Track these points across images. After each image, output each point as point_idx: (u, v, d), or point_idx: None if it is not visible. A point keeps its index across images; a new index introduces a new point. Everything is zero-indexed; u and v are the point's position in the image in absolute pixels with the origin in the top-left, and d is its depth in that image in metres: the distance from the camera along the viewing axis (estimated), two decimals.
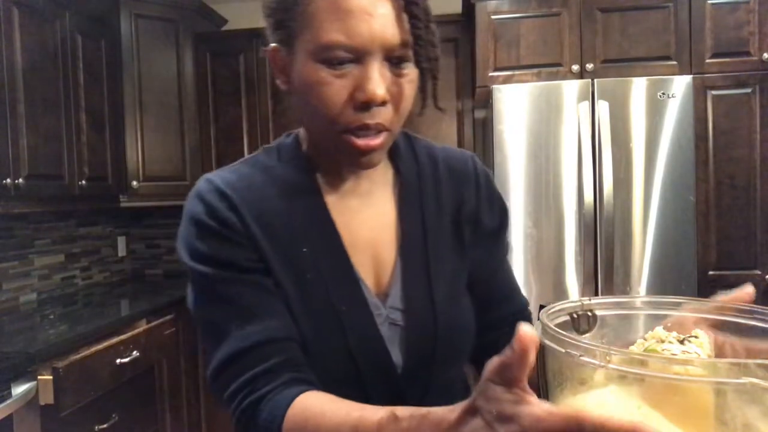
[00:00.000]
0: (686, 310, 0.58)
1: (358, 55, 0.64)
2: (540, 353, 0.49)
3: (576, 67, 2.50)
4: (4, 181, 2.11)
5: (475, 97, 2.72)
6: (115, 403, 2.12)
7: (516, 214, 2.35)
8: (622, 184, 2.29)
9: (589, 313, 0.58)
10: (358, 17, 0.62)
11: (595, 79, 2.32)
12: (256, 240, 0.71)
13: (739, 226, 2.45)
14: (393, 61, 0.66)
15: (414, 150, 0.83)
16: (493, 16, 2.55)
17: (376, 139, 0.67)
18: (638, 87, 2.29)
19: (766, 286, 2.42)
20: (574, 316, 0.57)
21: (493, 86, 2.39)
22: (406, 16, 0.64)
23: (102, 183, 2.74)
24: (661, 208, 2.29)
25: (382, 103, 0.65)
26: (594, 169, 2.28)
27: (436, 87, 0.69)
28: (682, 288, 2.28)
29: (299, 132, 0.80)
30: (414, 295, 0.76)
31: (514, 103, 2.34)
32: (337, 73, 0.64)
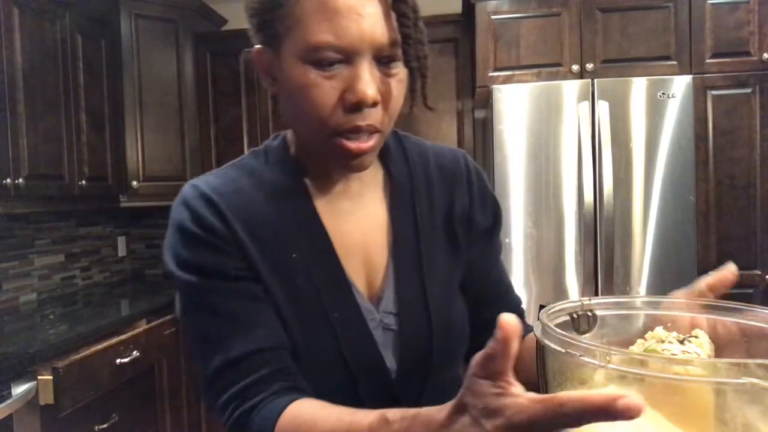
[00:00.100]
0: (678, 306, 0.58)
1: (347, 56, 0.62)
2: (540, 353, 0.49)
3: (576, 67, 2.50)
4: (4, 181, 2.11)
5: (475, 97, 2.71)
6: (115, 403, 2.12)
7: (516, 214, 2.35)
8: (622, 184, 2.29)
9: (589, 313, 0.58)
10: (347, 17, 0.61)
11: (595, 79, 2.32)
12: (243, 247, 0.69)
13: (739, 226, 2.45)
14: (383, 61, 0.64)
15: (404, 149, 0.81)
16: (493, 16, 2.55)
17: (368, 142, 0.66)
18: (638, 87, 2.29)
19: (766, 286, 2.42)
20: (574, 316, 0.57)
21: (493, 86, 2.39)
22: (394, 15, 0.63)
23: (102, 183, 2.74)
24: (661, 208, 2.29)
25: (373, 104, 0.64)
26: (594, 169, 2.28)
27: (425, 86, 0.67)
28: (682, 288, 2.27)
29: (287, 134, 0.79)
30: (407, 299, 0.74)
31: (514, 103, 2.34)
32: (326, 74, 0.63)
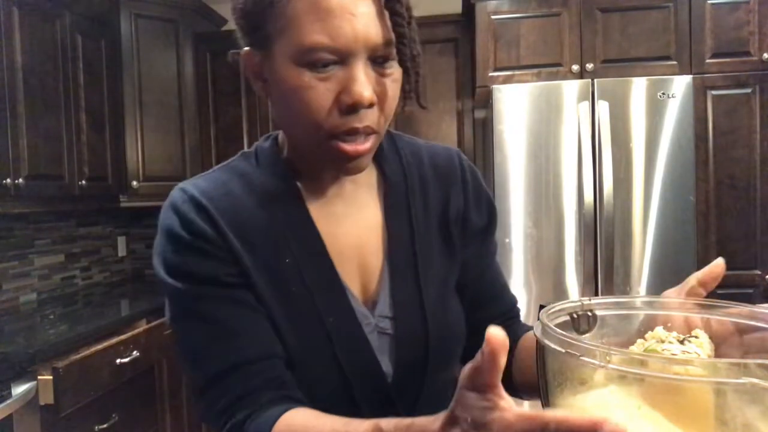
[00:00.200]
0: (678, 306, 0.58)
1: (341, 57, 0.61)
2: (540, 353, 0.49)
3: (576, 67, 2.50)
4: (4, 181, 2.11)
5: (475, 97, 2.71)
6: (115, 403, 2.12)
7: (516, 214, 2.35)
8: (622, 184, 2.29)
9: (589, 313, 0.58)
10: (340, 17, 0.59)
11: (595, 79, 2.32)
12: (235, 252, 0.67)
13: (739, 226, 2.45)
14: (377, 61, 0.63)
15: (397, 149, 0.80)
16: (493, 16, 2.55)
17: (365, 144, 0.64)
18: (638, 87, 2.29)
19: (766, 286, 2.42)
20: (574, 316, 0.57)
21: (493, 86, 2.39)
22: (387, 14, 0.62)
23: (102, 183, 2.74)
24: (661, 208, 2.29)
25: (370, 105, 0.62)
26: (594, 169, 2.28)
27: (419, 84, 0.66)
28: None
29: (278, 135, 0.77)
30: (403, 302, 0.73)
31: (514, 103, 2.34)
32: (320, 76, 0.61)
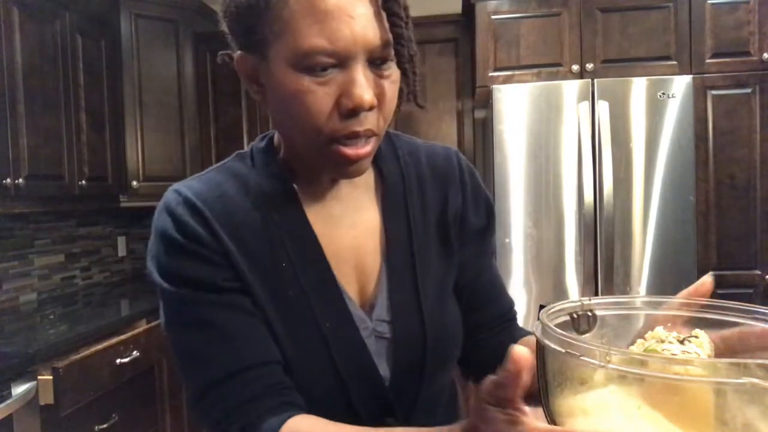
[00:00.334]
0: (673, 306, 0.58)
1: (341, 60, 0.60)
2: (540, 353, 0.49)
3: (576, 67, 2.50)
4: (4, 181, 2.11)
5: (475, 97, 2.71)
6: (115, 403, 2.12)
7: (516, 214, 2.35)
8: (622, 184, 2.29)
9: (589, 313, 0.58)
10: (338, 19, 0.58)
11: (595, 79, 2.32)
12: (231, 256, 0.66)
13: (739, 226, 2.45)
14: (375, 63, 0.62)
15: (395, 149, 0.79)
16: (493, 16, 2.55)
17: (365, 147, 0.64)
18: (638, 87, 2.29)
19: (766, 286, 2.42)
20: (574, 316, 0.57)
21: (493, 86, 2.39)
22: (384, 15, 0.61)
23: (102, 183, 2.74)
24: (661, 208, 2.29)
25: (370, 108, 0.61)
26: (594, 169, 2.28)
27: (416, 84, 0.65)
28: (682, 288, 2.25)
29: (273, 135, 0.76)
30: (401, 305, 0.72)
31: (514, 103, 2.34)
32: (320, 80, 0.60)
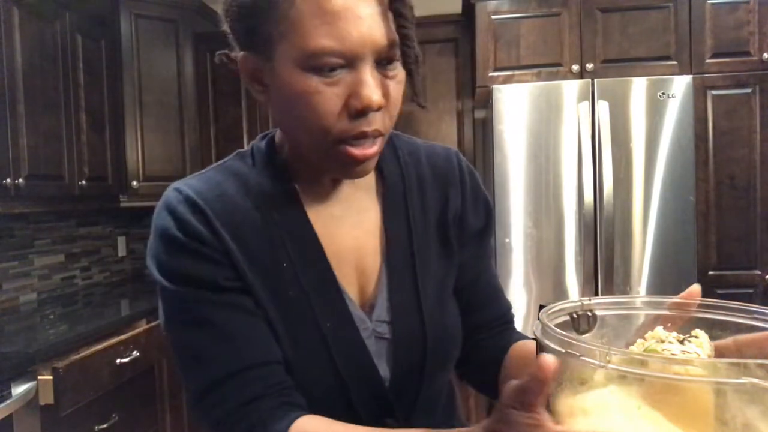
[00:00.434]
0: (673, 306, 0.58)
1: (349, 61, 0.59)
2: (540, 353, 0.49)
3: (576, 67, 2.50)
4: (4, 181, 2.11)
5: (475, 97, 2.71)
6: (115, 403, 2.12)
7: (516, 214, 2.35)
8: (622, 184, 2.29)
9: (589, 313, 0.58)
10: (346, 19, 0.58)
11: (595, 79, 2.32)
12: (232, 255, 0.66)
13: (739, 226, 2.45)
14: (381, 63, 0.62)
15: (395, 149, 0.79)
16: (493, 16, 2.55)
17: (372, 147, 0.63)
18: (638, 87, 2.29)
19: (766, 286, 2.42)
20: (574, 316, 0.57)
21: (493, 86, 2.39)
22: (390, 15, 0.61)
23: (102, 183, 2.74)
24: (661, 208, 2.29)
25: (378, 109, 0.61)
26: (594, 169, 2.28)
27: (419, 84, 0.65)
28: (682, 288, 2.22)
29: (274, 134, 0.76)
30: (401, 305, 0.72)
31: (514, 103, 2.34)
32: (328, 80, 0.60)
